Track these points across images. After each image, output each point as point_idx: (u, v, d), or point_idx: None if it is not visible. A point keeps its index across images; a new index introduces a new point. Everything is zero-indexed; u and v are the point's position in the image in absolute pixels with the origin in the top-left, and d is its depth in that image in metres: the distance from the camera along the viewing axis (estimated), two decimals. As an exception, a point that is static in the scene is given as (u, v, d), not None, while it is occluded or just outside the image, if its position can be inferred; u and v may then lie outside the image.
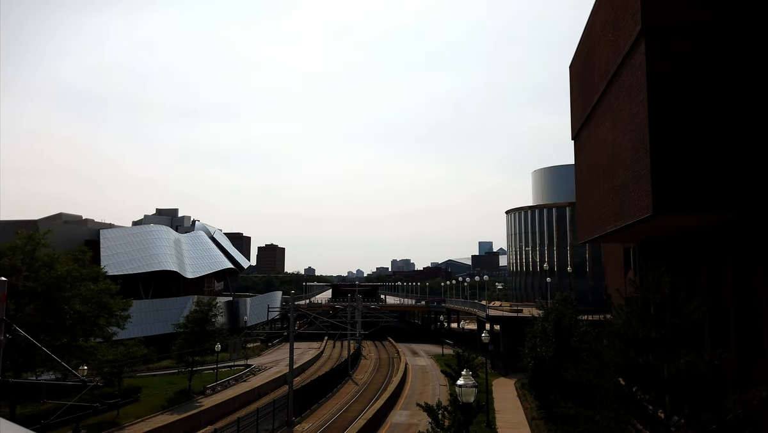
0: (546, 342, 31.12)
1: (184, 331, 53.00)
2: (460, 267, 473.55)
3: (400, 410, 45.51)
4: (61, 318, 32.30)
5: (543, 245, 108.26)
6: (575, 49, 47.57)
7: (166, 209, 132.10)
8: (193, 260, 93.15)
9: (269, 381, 56.75)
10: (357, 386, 59.07)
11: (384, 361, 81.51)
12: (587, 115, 42.42)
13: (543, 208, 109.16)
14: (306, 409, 45.32)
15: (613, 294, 58.49)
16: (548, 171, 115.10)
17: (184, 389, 51.46)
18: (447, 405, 29.72)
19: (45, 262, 33.46)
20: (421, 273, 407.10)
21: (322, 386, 51.25)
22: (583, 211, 45.86)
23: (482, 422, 38.96)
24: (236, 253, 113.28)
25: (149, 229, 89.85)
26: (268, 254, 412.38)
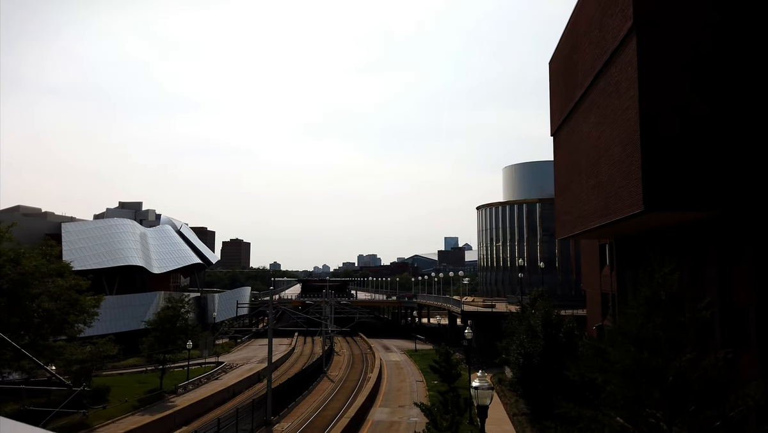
0: (534, 339, 30.96)
1: (154, 328, 51.10)
2: (426, 262, 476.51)
3: (379, 407, 44.93)
4: (28, 316, 30.45)
5: (513, 240, 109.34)
6: (556, 47, 47.70)
7: (129, 202, 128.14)
8: (159, 254, 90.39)
9: (243, 379, 55.46)
10: (333, 383, 58.28)
11: (357, 357, 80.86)
12: (569, 111, 42.56)
13: (514, 204, 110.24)
14: (283, 408, 44.32)
15: (587, 290, 59.32)
16: (519, 168, 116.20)
17: (155, 389, 49.71)
18: (436, 405, 29.35)
19: (10, 257, 31.49)
20: (388, 268, 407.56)
21: (299, 384, 50.28)
22: (562, 208, 46.07)
23: (465, 419, 38.58)
24: (204, 247, 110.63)
25: (113, 223, 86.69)
26: (233, 248, 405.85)
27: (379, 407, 44.92)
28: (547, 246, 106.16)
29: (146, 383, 52.91)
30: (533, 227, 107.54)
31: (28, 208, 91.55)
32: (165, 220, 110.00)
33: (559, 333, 30.33)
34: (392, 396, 49.77)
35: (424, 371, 64.66)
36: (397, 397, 49.39)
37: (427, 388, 53.04)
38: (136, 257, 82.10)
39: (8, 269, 30.46)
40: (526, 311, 53.89)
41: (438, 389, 52.14)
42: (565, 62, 44.19)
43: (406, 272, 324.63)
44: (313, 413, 44.24)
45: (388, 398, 49.08)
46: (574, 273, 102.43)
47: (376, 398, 48.47)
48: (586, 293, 61.06)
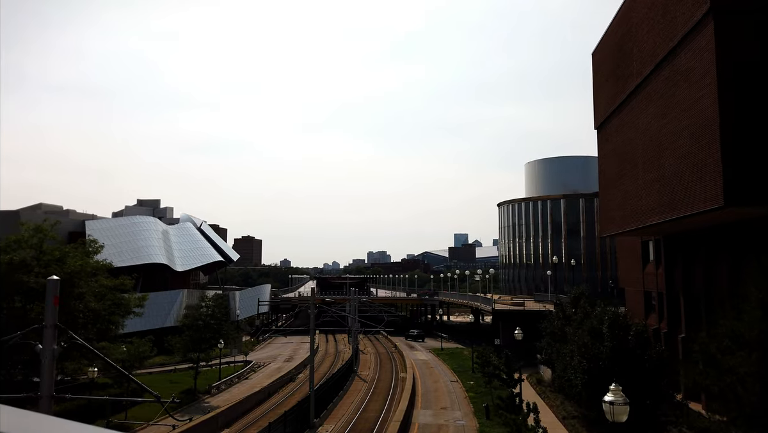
0: (597, 341, 29.53)
1: (188, 327, 50.07)
2: (437, 259, 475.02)
3: (421, 409, 43.65)
4: (74, 316, 29.45)
5: (537, 237, 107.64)
6: (601, 36, 46.12)
7: (147, 200, 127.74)
8: (181, 252, 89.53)
9: (277, 379, 54.36)
10: (365, 383, 57.08)
11: (384, 356, 79.64)
12: (619, 103, 41.00)
13: (537, 200, 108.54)
14: (323, 409, 43.15)
15: (626, 288, 57.68)
16: (541, 163, 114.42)
17: (189, 389, 48.72)
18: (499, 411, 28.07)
19: (55, 256, 30.47)
20: (400, 265, 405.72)
21: (335, 385, 49.16)
22: (610, 204, 44.53)
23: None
24: (224, 245, 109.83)
25: (136, 220, 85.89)
26: (245, 245, 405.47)
27: (420, 410, 43.65)
28: (571, 243, 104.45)
29: (179, 383, 51.95)
30: (557, 223, 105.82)
31: (50, 206, 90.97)
32: (184, 217, 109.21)
33: (627, 336, 28.90)
34: (431, 398, 48.49)
35: (456, 370, 63.39)
36: (436, 399, 48.11)
37: (465, 390, 51.67)
38: (159, 254, 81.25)
39: (54, 268, 29.44)
40: (566, 310, 52.54)
41: (476, 390, 50.91)
42: (614, 52, 42.59)
43: (418, 269, 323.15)
44: (353, 414, 43.05)
45: (427, 399, 47.80)
46: (600, 270, 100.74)
47: (415, 400, 47.22)
48: (624, 291, 59.52)
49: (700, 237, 38.60)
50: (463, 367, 64.69)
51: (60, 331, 14.50)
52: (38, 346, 14.77)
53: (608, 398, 13.05)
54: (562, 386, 42.24)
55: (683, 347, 39.61)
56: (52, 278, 14.82)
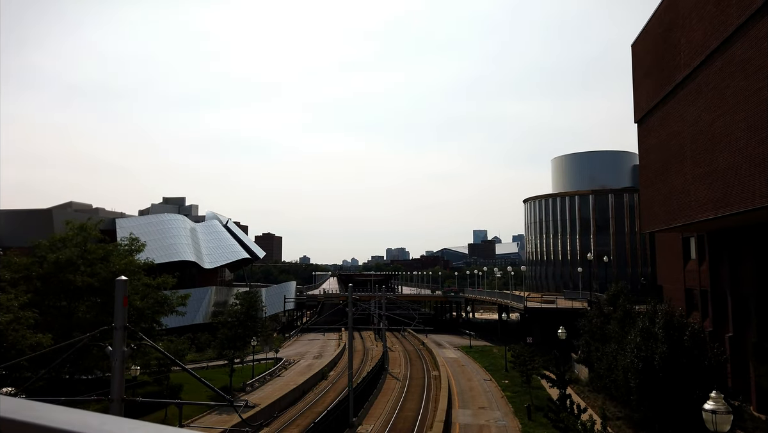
0: (649, 341, 28.63)
1: (224, 324, 50.10)
2: (456, 255, 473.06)
3: (459, 409, 43.09)
4: (119, 315, 29.41)
5: (565, 233, 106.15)
6: (643, 28, 44.90)
7: (172, 198, 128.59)
8: (209, 249, 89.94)
9: (310, 377, 54.16)
10: (398, 381, 56.65)
11: (412, 353, 79.16)
12: (664, 95, 39.84)
13: (564, 196, 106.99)
14: (359, 408, 42.82)
15: (665, 285, 56.34)
16: (569, 158, 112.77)
17: (224, 386, 48.69)
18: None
19: (100, 255, 30.45)
20: (419, 262, 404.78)
21: (370, 384, 48.84)
22: (653, 199, 43.36)
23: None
24: (250, 242, 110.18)
25: (165, 218, 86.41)
26: (266, 242, 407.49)
27: (459, 409, 43.09)
28: (600, 239, 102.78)
29: (213, 380, 51.80)
30: (585, 219, 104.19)
31: (80, 205, 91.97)
32: (210, 215, 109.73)
33: (683, 336, 27.96)
34: (467, 397, 47.90)
35: (488, 369, 62.64)
36: (473, 398, 47.49)
37: (500, 389, 50.94)
38: (188, 252, 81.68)
39: (99, 268, 29.44)
40: (603, 308, 51.48)
41: (512, 389, 50.14)
42: (657, 43, 41.39)
43: (437, 266, 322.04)
44: (390, 413, 42.65)
45: (463, 398, 47.22)
46: (631, 266, 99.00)
47: (452, 399, 46.65)
48: (662, 288, 58.19)
49: (749, 233, 37.40)
50: (495, 365, 63.95)
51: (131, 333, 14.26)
52: (108, 348, 14.58)
53: (709, 407, 12.31)
54: (604, 386, 41.31)
55: (731, 347, 38.50)
56: (120, 278, 14.43)
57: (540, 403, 42.91)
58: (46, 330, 25.47)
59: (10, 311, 22.80)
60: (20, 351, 22.71)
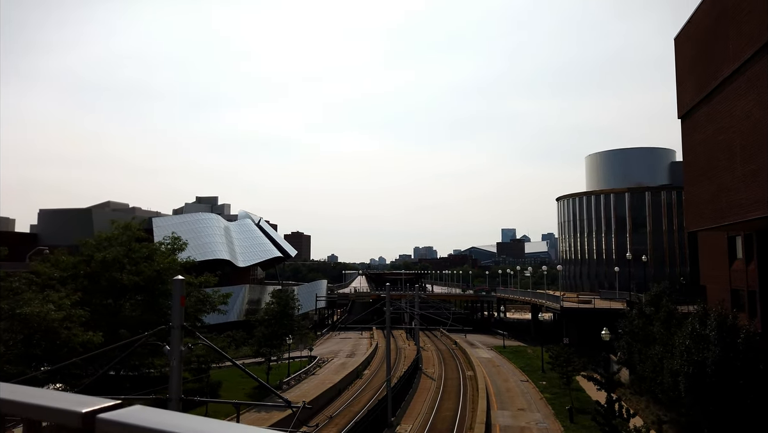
0: (706, 345, 27.66)
1: (260, 322, 50.52)
2: (484, 254, 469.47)
3: (498, 410, 42.54)
4: (163, 313, 29.80)
5: (599, 232, 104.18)
6: (687, 20, 43.58)
7: (205, 197, 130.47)
8: (243, 248, 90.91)
9: (345, 376, 54.21)
10: (433, 381, 56.30)
11: (445, 353, 78.63)
12: (711, 89, 38.56)
13: (599, 194, 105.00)
14: (397, 408, 42.64)
15: (709, 285, 54.66)
16: (603, 156, 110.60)
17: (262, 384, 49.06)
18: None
19: (144, 254, 30.93)
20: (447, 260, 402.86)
21: (406, 383, 48.63)
22: (698, 197, 42.02)
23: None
24: (282, 241, 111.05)
25: (200, 217, 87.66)
26: (294, 241, 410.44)
27: (497, 410, 42.55)
28: (636, 238, 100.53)
29: (249, 378, 52.44)
30: (621, 217, 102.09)
31: (117, 204, 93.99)
32: (243, 214, 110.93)
33: (736, 339, 26.98)
34: (505, 398, 47.29)
35: (524, 369, 61.79)
36: (511, 399, 46.86)
37: (539, 390, 50.17)
38: (223, 250, 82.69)
39: (143, 266, 29.89)
40: (644, 309, 50.20)
41: (551, 390, 49.32)
42: (704, 36, 40.08)
43: (465, 264, 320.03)
44: (428, 414, 42.34)
45: (501, 399, 46.65)
46: (669, 266, 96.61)
47: (489, 400, 46.12)
48: (705, 288, 56.52)
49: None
50: (531, 366, 63.06)
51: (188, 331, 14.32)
52: (166, 347, 14.66)
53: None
54: (649, 389, 40.27)
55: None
56: (178, 277, 14.48)
57: (581, 405, 42.14)
58: (94, 328, 25.91)
59: (62, 309, 23.27)
60: (72, 348, 23.17)
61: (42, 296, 23.61)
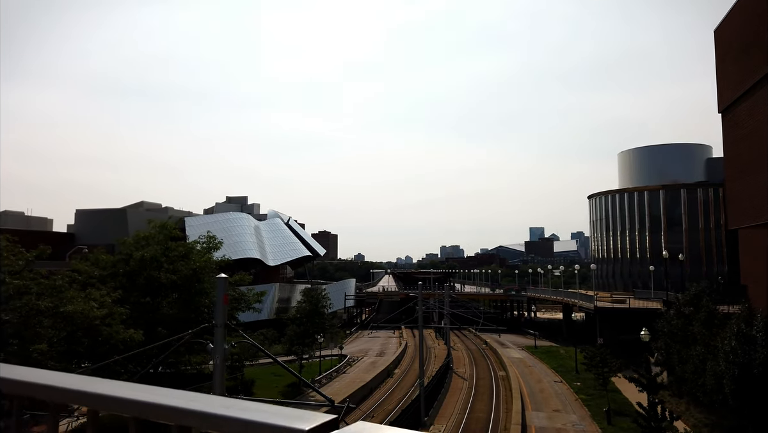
0: (753, 347, 26.76)
1: (292, 321, 50.86)
2: (512, 253, 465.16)
3: (533, 411, 41.92)
4: (199, 312, 30.18)
5: (633, 230, 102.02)
6: (727, 13, 42.27)
7: (235, 197, 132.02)
8: (273, 247, 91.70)
9: (377, 375, 54.18)
10: (465, 381, 55.86)
11: (475, 352, 78.04)
12: (754, 83, 37.31)
13: (633, 191, 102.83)
14: (429, 407, 42.37)
15: (750, 285, 52.99)
16: (637, 152, 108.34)
17: (293, 382, 49.40)
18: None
19: (180, 252, 31.38)
20: (474, 259, 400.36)
21: (438, 383, 48.36)
22: (741, 193, 40.75)
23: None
24: (311, 240, 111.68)
25: (231, 216, 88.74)
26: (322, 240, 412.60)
27: (532, 412, 41.92)
28: (671, 236, 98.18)
29: (281, 376, 52.82)
30: (656, 215, 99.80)
31: (151, 204, 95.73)
32: (272, 213, 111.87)
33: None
34: (539, 399, 46.61)
35: (557, 370, 60.84)
36: (545, 400, 46.16)
37: (573, 391, 49.31)
38: (253, 249, 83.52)
39: (180, 265, 30.29)
40: (682, 309, 48.91)
41: (586, 392, 48.41)
42: (746, 29, 38.80)
43: (493, 264, 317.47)
44: (461, 414, 41.99)
45: (535, 400, 45.98)
46: (705, 265, 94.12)
47: (523, 401, 45.50)
48: (746, 288, 54.81)
49: None
50: (564, 367, 62.06)
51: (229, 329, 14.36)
52: (209, 345, 14.72)
53: None
54: (689, 391, 39.21)
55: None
56: (221, 276, 14.53)
57: (617, 407, 41.27)
58: (134, 325, 26.33)
59: (104, 307, 23.70)
60: (113, 345, 23.57)
61: (84, 294, 24.11)
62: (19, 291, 21.10)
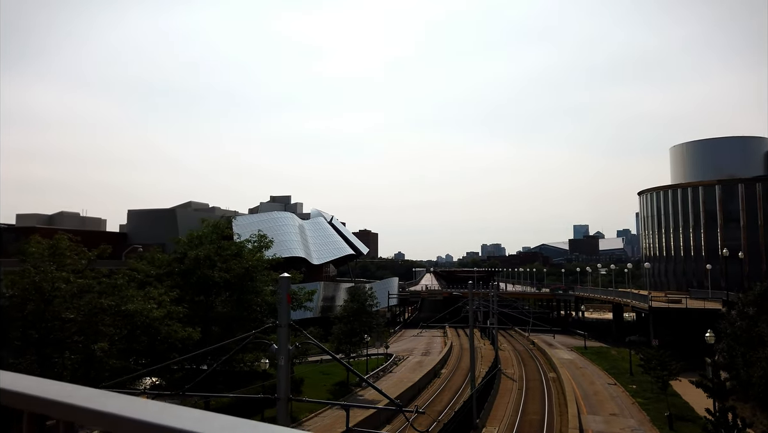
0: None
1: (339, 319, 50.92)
2: (555, 251, 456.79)
3: (588, 415, 40.61)
4: (252, 310, 30.38)
5: (687, 227, 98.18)
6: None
7: (279, 196, 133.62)
8: (317, 246, 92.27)
9: (424, 375, 53.65)
10: (514, 382, 54.77)
11: (523, 353, 76.59)
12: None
13: (686, 187, 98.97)
14: (480, 409, 41.54)
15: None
16: (690, 146, 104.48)
17: (341, 381, 49.43)
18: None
19: (233, 251, 31.67)
20: (516, 258, 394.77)
21: (488, 384, 47.44)
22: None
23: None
24: (354, 238, 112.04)
25: (276, 216, 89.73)
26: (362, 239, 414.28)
27: (587, 415, 40.62)
28: (728, 233, 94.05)
29: (329, 375, 52.90)
30: (711, 212, 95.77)
31: (198, 204, 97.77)
32: (315, 212, 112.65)
33: None
34: (593, 402, 45.19)
35: (610, 372, 58.96)
36: (600, 404, 44.70)
37: (629, 394, 47.62)
38: (299, 248, 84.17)
39: (233, 264, 30.54)
40: (745, 310, 46.64)
41: (643, 395, 46.65)
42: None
43: (536, 262, 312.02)
44: (513, 416, 41.04)
45: (589, 403, 44.60)
46: (766, 263, 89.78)
47: (578, 404, 44.14)
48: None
49: None
50: (617, 368, 60.15)
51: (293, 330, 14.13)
52: (273, 346, 14.52)
53: None
54: (757, 395, 37.22)
55: None
56: (283, 275, 14.33)
57: (678, 412, 39.57)
58: (189, 324, 26.61)
59: (163, 306, 24.01)
60: (172, 344, 23.85)
61: (143, 292, 24.49)
62: (82, 290, 21.53)
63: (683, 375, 53.18)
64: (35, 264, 21.50)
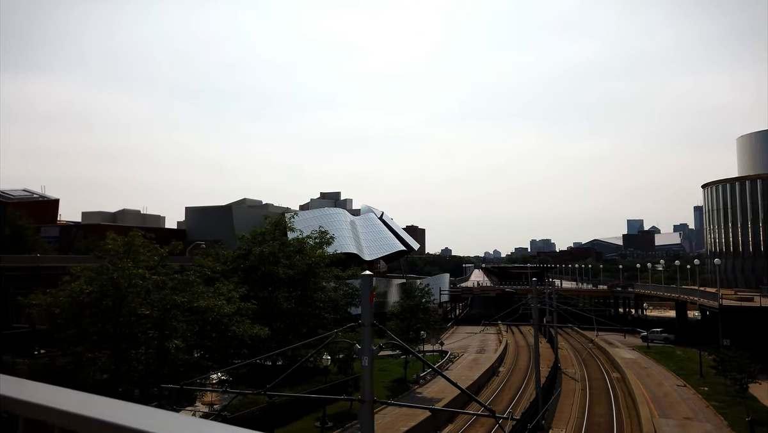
0: None
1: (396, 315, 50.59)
2: (608, 247, 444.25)
3: (660, 418, 38.78)
4: (313, 305, 30.34)
5: (756, 222, 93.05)
6: None
7: (329, 193, 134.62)
8: (368, 242, 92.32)
9: (482, 373, 52.72)
10: (576, 382, 53.11)
11: (582, 352, 74.28)
12: None
13: (755, 179, 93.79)
14: (544, 409, 40.34)
15: None
16: (759, 136, 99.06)
17: (399, 378, 49.08)
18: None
19: (296, 248, 31.71)
20: (567, 253, 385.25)
21: (551, 385, 46.19)
22: None
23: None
24: (405, 234, 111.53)
25: (328, 212, 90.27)
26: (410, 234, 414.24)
27: (659, 418, 38.79)
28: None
29: (386, 371, 52.61)
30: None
31: (252, 201, 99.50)
32: (365, 208, 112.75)
33: None
34: (664, 404, 43.20)
35: (678, 373, 56.37)
36: (671, 406, 42.69)
37: (702, 397, 45.31)
38: (351, 244, 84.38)
39: (296, 260, 30.56)
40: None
41: (717, 398, 44.32)
42: None
43: (588, 258, 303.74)
44: (579, 418, 39.74)
45: (660, 406, 42.65)
46: None
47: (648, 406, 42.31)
48: None
49: None
50: (685, 369, 57.46)
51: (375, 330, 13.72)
52: (356, 346, 14.16)
53: None
54: None
55: None
56: (366, 273, 13.88)
57: (757, 416, 37.31)
58: (256, 319, 26.73)
59: (232, 302, 24.16)
60: (241, 340, 23.98)
61: (212, 289, 24.72)
62: (156, 286, 21.83)
63: (759, 377, 50.44)
64: (112, 261, 21.94)
